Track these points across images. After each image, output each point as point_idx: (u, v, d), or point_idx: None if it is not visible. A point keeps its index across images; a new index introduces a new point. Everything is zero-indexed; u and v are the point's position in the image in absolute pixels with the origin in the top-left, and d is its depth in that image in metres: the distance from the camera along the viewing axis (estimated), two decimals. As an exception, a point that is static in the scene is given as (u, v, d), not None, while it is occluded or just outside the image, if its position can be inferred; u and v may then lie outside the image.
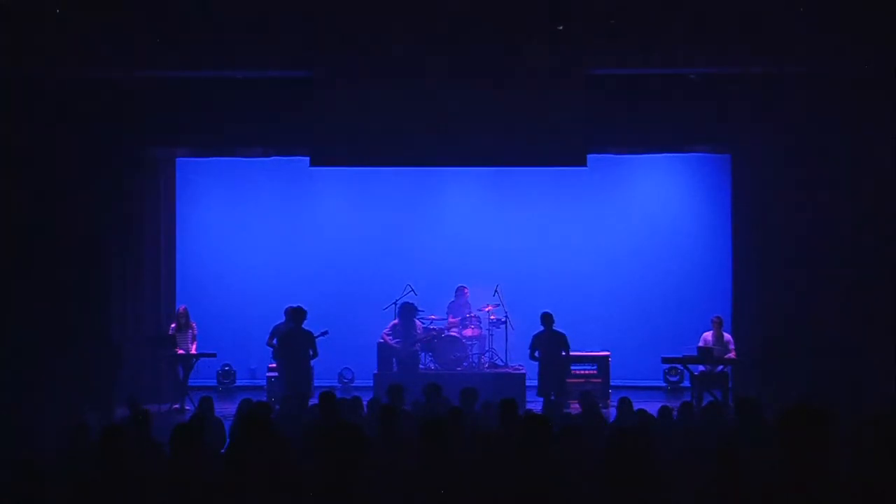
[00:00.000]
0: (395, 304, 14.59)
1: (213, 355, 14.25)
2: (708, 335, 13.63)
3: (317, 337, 13.03)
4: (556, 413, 10.46)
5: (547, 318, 12.94)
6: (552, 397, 12.58)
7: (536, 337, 12.94)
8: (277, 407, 11.66)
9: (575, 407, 11.33)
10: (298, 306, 12.94)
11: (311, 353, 12.76)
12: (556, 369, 12.87)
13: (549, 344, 12.87)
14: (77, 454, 7.10)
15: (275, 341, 13.50)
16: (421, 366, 14.21)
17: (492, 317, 14.75)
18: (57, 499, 5.35)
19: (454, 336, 14.37)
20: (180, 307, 14.14)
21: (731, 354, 13.53)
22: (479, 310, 14.87)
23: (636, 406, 9.84)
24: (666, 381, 15.44)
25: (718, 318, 13.73)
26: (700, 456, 6.16)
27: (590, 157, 13.59)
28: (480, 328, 14.77)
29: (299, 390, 12.03)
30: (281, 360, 13.13)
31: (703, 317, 13.94)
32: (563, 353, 12.97)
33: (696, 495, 4.98)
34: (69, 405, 11.45)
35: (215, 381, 15.45)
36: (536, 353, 12.90)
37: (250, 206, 16.54)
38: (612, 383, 14.21)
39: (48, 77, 12.86)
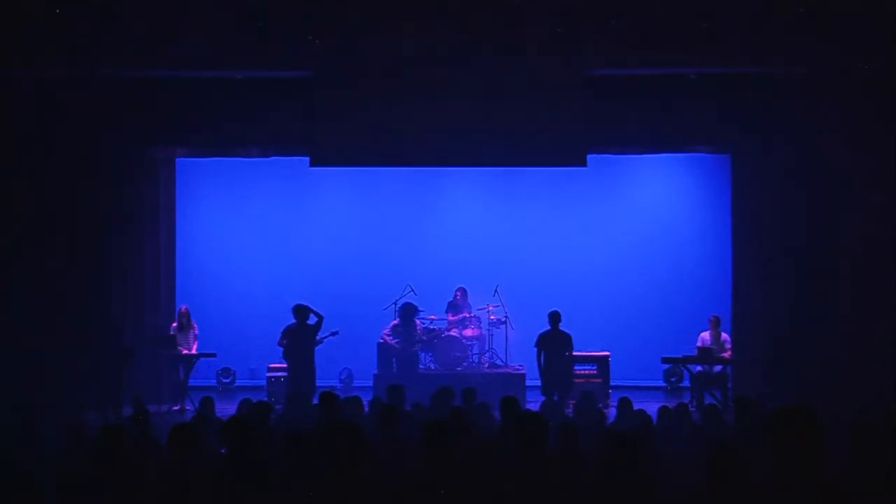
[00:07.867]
0: (395, 304, 14.59)
1: (213, 355, 14.24)
2: (706, 335, 13.64)
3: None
4: (554, 413, 10.42)
5: (554, 317, 12.90)
6: (555, 398, 12.56)
7: (542, 336, 12.92)
8: (278, 406, 11.67)
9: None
10: (297, 303, 13.00)
11: (314, 341, 12.92)
12: (560, 369, 12.87)
13: (554, 343, 12.86)
14: (75, 453, 7.09)
15: (285, 342, 13.50)
16: (421, 366, 14.21)
17: (492, 317, 14.75)
18: (56, 499, 5.35)
19: (454, 336, 14.37)
20: (182, 307, 14.13)
21: (726, 354, 13.54)
22: (480, 309, 14.88)
23: (636, 406, 9.82)
24: (666, 381, 15.44)
25: (716, 317, 13.74)
26: (699, 456, 6.16)
27: (590, 157, 13.60)
28: (480, 328, 14.77)
29: (303, 389, 12.02)
30: (288, 359, 13.15)
31: (703, 317, 13.95)
32: (567, 354, 12.97)
33: (695, 495, 4.98)
34: (74, 405, 11.43)
35: (215, 381, 15.45)
36: (542, 353, 12.90)
37: (250, 206, 16.53)
38: (612, 383, 14.18)
39: (47, 77, 12.87)
